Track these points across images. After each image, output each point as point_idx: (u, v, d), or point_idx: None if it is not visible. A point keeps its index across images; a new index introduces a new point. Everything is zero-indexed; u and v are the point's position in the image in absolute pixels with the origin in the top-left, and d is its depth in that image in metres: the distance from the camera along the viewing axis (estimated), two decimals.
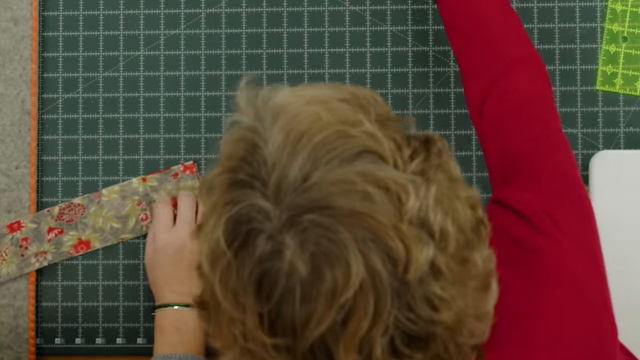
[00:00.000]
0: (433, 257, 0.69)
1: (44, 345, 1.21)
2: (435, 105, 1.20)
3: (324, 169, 0.70)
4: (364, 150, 0.70)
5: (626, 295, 1.11)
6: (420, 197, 0.70)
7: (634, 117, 1.19)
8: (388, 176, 0.69)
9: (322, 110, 0.72)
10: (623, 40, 1.19)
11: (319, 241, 0.68)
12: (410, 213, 0.69)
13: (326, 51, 1.21)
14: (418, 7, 1.21)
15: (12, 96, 1.22)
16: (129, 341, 1.20)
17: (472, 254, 0.72)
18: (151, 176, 1.19)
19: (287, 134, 0.71)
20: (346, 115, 0.72)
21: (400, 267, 0.68)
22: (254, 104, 0.75)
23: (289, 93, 0.75)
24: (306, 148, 0.70)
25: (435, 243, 0.69)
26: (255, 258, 0.69)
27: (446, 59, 1.20)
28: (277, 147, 0.71)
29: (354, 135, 0.71)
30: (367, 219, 0.68)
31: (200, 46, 1.22)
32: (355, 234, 0.68)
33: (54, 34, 1.23)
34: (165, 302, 1.12)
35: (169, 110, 1.22)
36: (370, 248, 0.68)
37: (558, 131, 0.96)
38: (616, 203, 1.12)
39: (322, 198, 0.68)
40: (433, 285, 0.69)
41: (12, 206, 1.21)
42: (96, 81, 1.23)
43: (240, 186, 0.71)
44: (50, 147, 1.22)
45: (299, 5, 1.22)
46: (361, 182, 0.69)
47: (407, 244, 0.68)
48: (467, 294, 0.71)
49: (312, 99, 0.74)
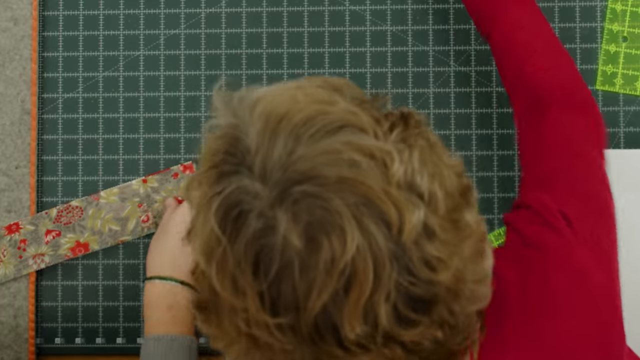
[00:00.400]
0: (425, 218, 0.70)
1: (44, 345, 1.21)
2: (435, 105, 1.20)
3: (308, 143, 0.70)
4: (345, 124, 0.71)
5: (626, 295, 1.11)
6: (404, 162, 0.71)
7: (634, 117, 1.19)
8: (372, 144, 0.70)
9: (299, 93, 0.73)
10: (623, 40, 1.19)
11: (311, 211, 0.68)
12: (397, 176, 0.69)
13: (326, 51, 1.21)
14: (418, 7, 1.21)
15: (12, 96, 1.22)
16: (129, 341, 1.20)
17: (463, 215, 0.73)
18: (151, 177, 1.19)
19: (266, 119, 0.72)
20: (322, 96, 0.74)
21: (395, 230, 0.68)
22: (229, 105, 0.75)
23: (264, 88, 0.76)
24: (287, 127, 0.71)
25: (425, 205, 0.70)
26: (249, 237, 0.69)
27: (446, 59, 1.20)
28: (258, 132, 0.71)
29: (333, 112, 0.72)
30: (356, 184, 0.69)
31: (200, 46, 1.22)
32: (347, 200, 0.68)
33: (54, 34, 1.23)
34: (157, 274, 1.11)
35: (169, 110, 1.22)
36: (363, 213, 0.68)
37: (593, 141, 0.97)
38: (616, 203, 1.12)
39: (309, 169, 0.69)
40: (428, 246, 0.69)
41: (12, 206, 1.21)
42: (96, 81, 1.23)
43: (226, 176, 0.72)
44: (50, 147, 1.22)
45: (299, 5, 1.22)
46: (347, 151, 0.69)
47: (399, 206, 0.69)
48: (464, 255, 0.72)
49: (286, 87, 0.75)
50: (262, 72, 1.22)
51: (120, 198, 1.20)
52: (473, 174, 1.20)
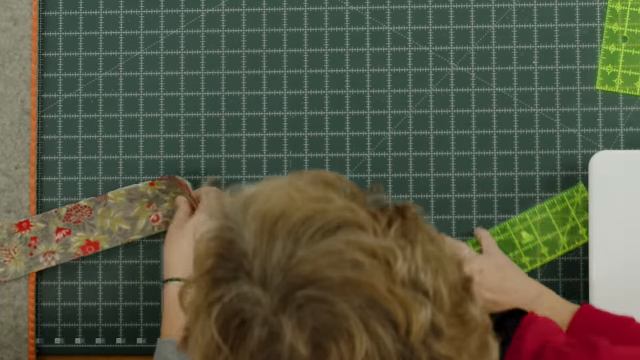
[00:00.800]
0: (432, 316, 0.68)
1: (44, 345, 1.21)
2: (435, 105, 1.20)
3: (308, 244, 0.68)
4: (343, 222, 0.69)
5: (626, 295, 1.11)
6: (407, 259, 0.69)
7: (634, 117, 1.19)
8: (373, 243, 0.68)
9: (293, 191, 0.71)
10: (623, 40, 1.19)
11: (317, 316, 0.66)
12: (401, 275, 0.67)
13: (326, 51, 1.21)
14: (418, 7, 1.21)
15: (12, 96, 1.22)
16: (129, 341, 1.20)
17: (468, 309, 0.72)
18: (159, 181, 1.19)
19: (261, 221, 0.69)
20: (317, 194, 0.71)
21: (402, 330, 0.66)
22: (221, 208, 0.72)
23: (253, 187, 0.73)
24: (285, 228, 0.68)
25: (431, 302, 0.68)
26: (254, 347, 0.67)
27: (446, 59, 1.20)
28: (254, 235, 0.69)
29: (330, 210, 0.69)
30: (361, 285, 0.66)
31: (200, 46, 1.22)
32: (353, 302, 0.66)
33: (54, 34, 1.23)
34: (175, 276, 1.10)
35: (169, 110, 1.22)
36: (370, 315, 0.66)
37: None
38: (616, 203, 1.12)
39: (312, 272, 0.66)
40: (436, 345, 0.68)
41: (12, 206, 1.21)
42: (96, 81, 1.23)
43: (223, 283, 0.69)
44: (50, 147, 1.22)
45: (299, 5, 1.22)
46: (349, 251, 0.67)
47: (405, 306, 0.67)
48: (471, 350, 0.70)
49: (278, 186, 0.72)
50: (262, 73, 1.22)
51: (128, 199, 1.20)
52: (473, 174, 1.20)
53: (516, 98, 1.19)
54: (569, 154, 1.19)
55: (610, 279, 1.11)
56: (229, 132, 1.21)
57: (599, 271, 1.11)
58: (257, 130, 1.21)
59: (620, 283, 1.11)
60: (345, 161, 1.20)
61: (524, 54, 1.20)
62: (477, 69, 1.20)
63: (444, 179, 1.20)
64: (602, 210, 1.12)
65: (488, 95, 1.20)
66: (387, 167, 1.20)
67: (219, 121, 1.21)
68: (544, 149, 1.19)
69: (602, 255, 1.11)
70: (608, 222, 1.11)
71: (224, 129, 1.21)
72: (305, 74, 1.21)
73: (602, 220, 1.12)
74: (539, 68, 1.20)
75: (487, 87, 1.20)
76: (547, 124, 1.19)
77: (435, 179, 1.20)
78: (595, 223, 1.12)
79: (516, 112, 1.19)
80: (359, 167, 1.20)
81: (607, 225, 1.12)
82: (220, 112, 1.21)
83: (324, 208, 0.70)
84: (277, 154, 1.21)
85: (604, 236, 1.12)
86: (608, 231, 1.11)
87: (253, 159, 1.21)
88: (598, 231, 1.11)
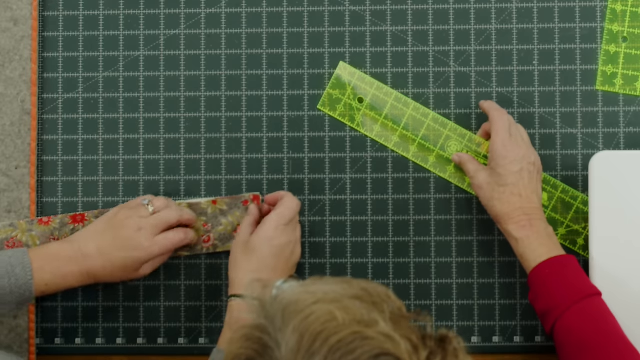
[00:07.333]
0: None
1: (44, 345, 1.21)
2: (436, 105, 1.20)
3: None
4: (382, 353, 0.68)
5: (626, 295, 1.11)
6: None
7: (633, 117, 1.19)
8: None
9: (336, 309, 0.69)
10: (623, 40, 1.19)
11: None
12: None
13: (326, 51, 1.21)
14: (418, 7, 1.21)
15: (12, 96, 1.22)
16: (129, 341, 1.20)
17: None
18: (221, 200, 1.18)
19: (300, 336, 0.68)
20: (361, 315, 0.70)
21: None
22: (261, 301, 0.71)
23: (298, 289, 0.72)
24: (322, 351, 0.67)
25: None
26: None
27: (446, 59, 1.20)
28: (291, 350, 0.68)
29: (371, 336, 0.68)
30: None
31: (200, 46, 1.22)
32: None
33: (54, 34, 1.23)
34: (236, 292, 1.09)
35: (169, 110, 1.22)
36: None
37: None
38: (616, 203, 1.12)
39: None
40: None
41: (12, 206, 1.21)
42: (96, 81, 1.23)
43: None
44: (50, 147, 1.22)
45: (299, 5, 1.22)
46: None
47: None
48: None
49: (323, 297, 0.71)
50: (262, 73, 1.22)
51: None
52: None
53: (516, 98, 1.20)
54: (569, 154, 1.19)
55: (610, 278, 1.11)
56: (229, 132, 1.21)
57: (599, 271, 1.11)
58: (257, 131, 1.21)
59: (621, 283, 1.11)
60: (345, 161, 1.20)
61: (524, 54, 1.20)
62: (477, 69, 1.20)
63: (444, 179, 1.20)
64: (602, 210, 1.12)
65: (488, 95, 1.20)
66: (387, 167, 1.20)
67: (219, 121, 1.21)
68: (544, 149, 1.19)
69: (602, 255, 1.11)
70: (608, 222, 1.11)
71: (224, 129, 1.21)
72: (306, 74, 1.21)
73: (602, 220, 1.12)
74: (539, 68, 1.20)
75: (487, 87, 1.20)
76: (547, 124, 1.19)
77: (435, 179, 1.20)
78: (595, 223, 1.12)
79: (516, 112, 1.19)
80: (359, 167, 1.20)
81: (607, 225, 1.12)
82: (220, 112, 1.21)
83: (365, 333, 0.68)
84: (277, 154, 1.21)
85: (604, 236, 1.12)
86: (608, 231, 1.11)
87: (253, 159, 1.21)
88: (598, 231, 1.11)
